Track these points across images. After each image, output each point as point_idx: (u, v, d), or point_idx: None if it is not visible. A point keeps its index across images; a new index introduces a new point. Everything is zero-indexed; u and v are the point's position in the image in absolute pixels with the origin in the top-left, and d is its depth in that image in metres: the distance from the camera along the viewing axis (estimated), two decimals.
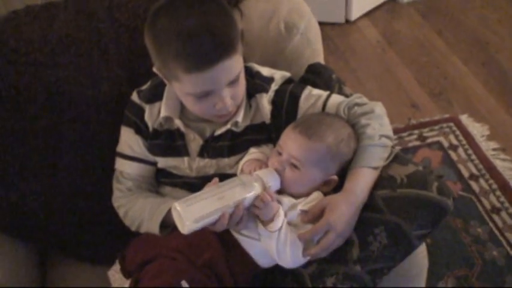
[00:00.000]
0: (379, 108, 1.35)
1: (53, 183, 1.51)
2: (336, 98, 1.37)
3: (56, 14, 1.51)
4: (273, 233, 1.21)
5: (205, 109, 1.30)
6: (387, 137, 1.31)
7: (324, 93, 1.39)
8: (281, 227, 1.21)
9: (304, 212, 1.25)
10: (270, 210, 1.21)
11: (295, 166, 1.26)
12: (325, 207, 1.23)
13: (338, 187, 1.28)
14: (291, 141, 1.28)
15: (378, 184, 1.27)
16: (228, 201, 1.19)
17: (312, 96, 1.38)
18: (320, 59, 1.62)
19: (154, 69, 1.32)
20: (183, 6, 1.21)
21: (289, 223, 1.25)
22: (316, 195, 1.28)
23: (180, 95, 1.31)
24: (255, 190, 1.22)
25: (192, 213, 1.15)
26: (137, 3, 1.53)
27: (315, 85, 1.44)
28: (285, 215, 1.25)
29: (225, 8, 1.24)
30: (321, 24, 1.66)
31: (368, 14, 3.29)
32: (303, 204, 1.26)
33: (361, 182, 1.26)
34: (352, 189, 1.25)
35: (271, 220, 1.22)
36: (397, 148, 1.37)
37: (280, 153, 1.29)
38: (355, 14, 3.23)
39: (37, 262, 1.58)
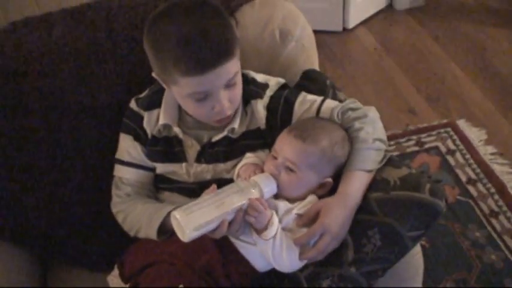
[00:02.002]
0: (372, 112, 1.37)
1: (52, 191, 1.52)
2: (330, 103, 1.39)
3: (54, 24, 1.53)
4: (268, 241, 1.23)
5: (204, 112, 1.32)
6: (381, 140, 1.33)
7: (318, 99, 1.40)
8: (275, 234, 1.23)
9: (299, 216, 1.27)
10: (263, 218, 1.22)
11: (290, 170, 1.28)
12: (320, 210, 1.24)
13: (332, 190, 1.30)
14: (286, 145, 1.29)
15: (371, 187, 1.29)
16: (226, 209, 1.20)
17: (306, 102, 1.40)
18: (315, 65, 1.63)
19: (153, 75, 1.34)
20: (181, 12, 1.23)
21: (284, 228, 1.26)
22: (311, 199, 1.29)
23: (179, 98, 1.33)
24: (253, 196, 1.23)
25: (191, 221, 1.16)
26: (134, 13, 1.55)
27: (310, 91, 1.45)
28: (281, 219, 1.26)
29: (222, 13, 1.27)
30: (318, 32, 1.69)
31: (365, 22, 3.31)
32: (298, 208, 1.27)
33: (355, 184, 1.27)
34: (346, 192, 1.26)
35: (265, 228, 1.23)
36: (395, 153, 1.38)
37: (275, 158, 1.30)
38: (352, 22, 3.25)
39: (37, 269, 1.59)
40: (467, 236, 2.15)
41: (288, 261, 1.25)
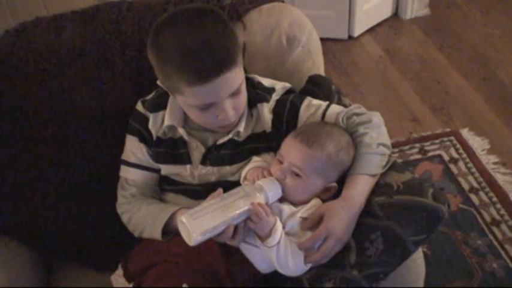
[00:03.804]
0: (377, 117, 1.38)
1: (58, 191, 1.54)
2: (335, 108, 1.41)
3: (64, 26, 1.55)
4: (272, 248, 1.24)
5: (209, 120, 1.33)
6: (385, 145, 1.34)
7: (324, 103, 1.42)
8: (279, 241, 1.23)
9: (303, 219, 1.28)
10: (266, 225, 1.23)
11: (296, 174, 1.29)
12: (324, 213, 1.26)
13: (336, 193, 1.31)
14: (291, 150, 1.31)
15: (375, 191, 1.30)
16: (232, 214, 1.21)
17: (311, 106, 1.41)
18: (320, 70, 1.65)
19: (158, 82, 1.36)
20: (184, 21, 1.25)
21: (289, 231, 1.27)
22: (315, 202, 1.30)
23: (184, 107, 1.35)
24: (258, 201, 1.24)
25: (198, 226, 1.18)
26: (143, 17, 1.57)
27: (315, 96, 1.47)
28: (285, 223, 1.27)
29: (225, 23, 1.27)
30: (324, 40, 1.70)
31: (370, 30, 3.32)
32: (303, 211, 1.28)
33: (359, 188, 1.29)
34: (350, 196, 1.27)
35: (268, 235, 1.24)
36: (399, 161, 1.39)
37: (281, 162, 1.31)
38: (357, 30, 3.27)
39: (41, 268, 1.60)
40: (469, 244, 2.15)
41: (293, 266, 1.26)
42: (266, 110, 1.40)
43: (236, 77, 1.27)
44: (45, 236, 1.56)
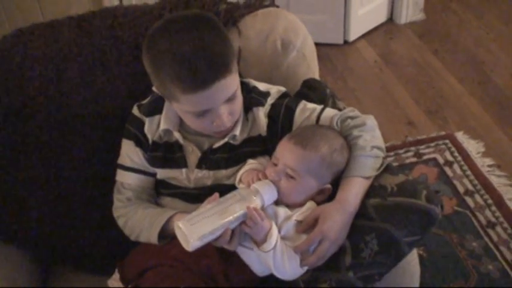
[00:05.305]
0: (371, 120, 1.39)
1: (55, 195, 1.54)
2: (329, 112, 1.41)
3: (60, 31, 1.56)
4: (268, 252, 1.24)
5: (204, 126, 1.34)
6: (379, 148, 1.35)
7: (318, 107, 1.43)
8: (275, 246, 1.24)
9: (298, 222, 1.28)
10: (261, 230, 1.23)
11: (291, 176, 1.29)
12: (319, 216, 1.26)
13: (331, 196, 1.32)
14: (286, 152, 1.31)
15: (369, 193, 1.31)
16: (229, 218, 1.22)
17: (306, 110, 1.42)
18: (315, 74, 1.65)
19: (154, 89, 1.36)
20: (178, 29, 1.25)
21: (284, 235, 1.28)
22: (310, 205, 1.31)
23: (180, 113, 1.36)
24: (254, 204, 1.25)
25: (195, 231, 1.19)
26: (138, 22, 1.58)
27: (310, 99, 1.48)
28: (281, 226, 1.27)
29: (219, 30, 1.28)
30: (319, 44, 1.71)
31: (366, 35, 3.34)
32: (298, 214, 1.29)
33: (353, 190, 1.29)
34: (345, 198, 1.28)
35: (264, 240, 1.24)
36: (394, 164, 1.40)
37: (276, 164, 1.32)
38: (353, 35, 3.29)
39: (39, 272, 1.60)
40: (465, 246, 2.16)
41: (290, 270, 1.26)
42: (261, 114, 1.41)
43: (231, 83, 1.28)
44: (42, 240, 1.57)
